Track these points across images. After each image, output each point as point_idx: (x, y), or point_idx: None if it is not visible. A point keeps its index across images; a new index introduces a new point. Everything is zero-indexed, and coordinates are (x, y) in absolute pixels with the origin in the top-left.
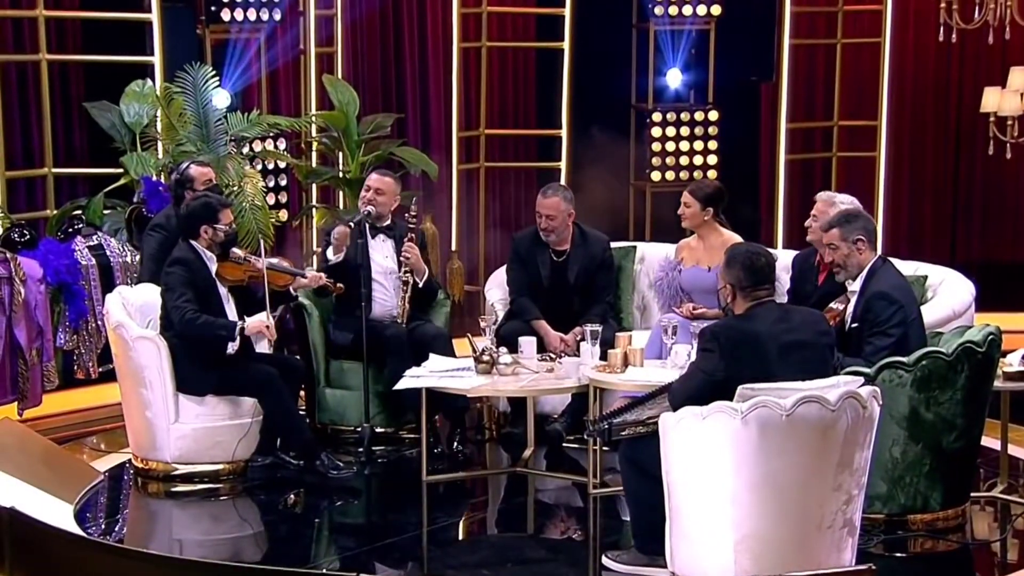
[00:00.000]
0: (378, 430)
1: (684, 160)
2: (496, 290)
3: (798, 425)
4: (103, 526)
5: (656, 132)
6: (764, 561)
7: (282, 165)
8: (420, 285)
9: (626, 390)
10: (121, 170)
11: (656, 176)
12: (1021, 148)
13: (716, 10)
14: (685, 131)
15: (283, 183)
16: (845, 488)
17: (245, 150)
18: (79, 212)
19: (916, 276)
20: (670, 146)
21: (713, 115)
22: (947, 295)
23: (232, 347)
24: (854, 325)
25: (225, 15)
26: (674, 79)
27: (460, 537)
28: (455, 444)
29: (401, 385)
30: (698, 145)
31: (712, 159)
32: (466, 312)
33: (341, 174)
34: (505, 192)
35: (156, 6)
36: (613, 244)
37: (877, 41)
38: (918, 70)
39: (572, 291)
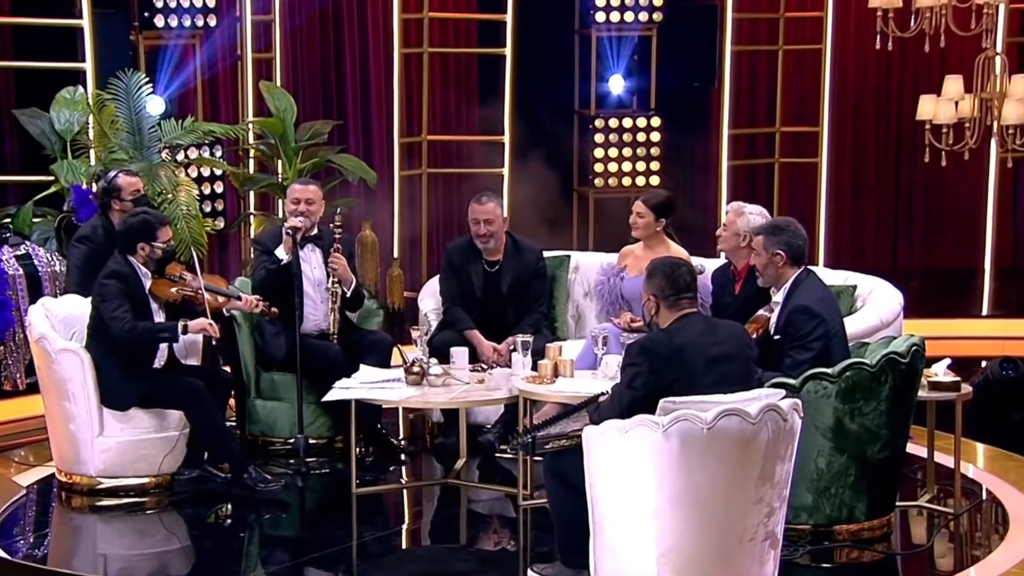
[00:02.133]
0: (311, 441)
1: (627, 166)
2: (430, 300)
3: (719, 438)
4: (30, 540)
5: (599, 138)
6: (686, 574)
7: (219, 172)
8: (348, 295)
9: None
10: (51, 178)
11: (599, 182)
12: (957, 156)
13: (658, 16)
14: (628, 137)
15: (219, 190)
16: (766, 501)
17: (180, 157)
18: (7, 221)
19: (846, 285)
20: (613, 152)
21: (656, 121)
22: (875, 305)
23: (159, 361)
24: (776, 337)
25: (159, 21)
26: (616, 85)
27: (390, 550)
28: (400, 442)
29: (330, 396)
30: (641, 151)
31: (655, 165)
32: (407, 320)
33: (280, 180)
34: (448, 198)
35: (87, 12)
36: (547, 253)
37: (818, 48)
38: (859, 77)
39: (505, 301)
